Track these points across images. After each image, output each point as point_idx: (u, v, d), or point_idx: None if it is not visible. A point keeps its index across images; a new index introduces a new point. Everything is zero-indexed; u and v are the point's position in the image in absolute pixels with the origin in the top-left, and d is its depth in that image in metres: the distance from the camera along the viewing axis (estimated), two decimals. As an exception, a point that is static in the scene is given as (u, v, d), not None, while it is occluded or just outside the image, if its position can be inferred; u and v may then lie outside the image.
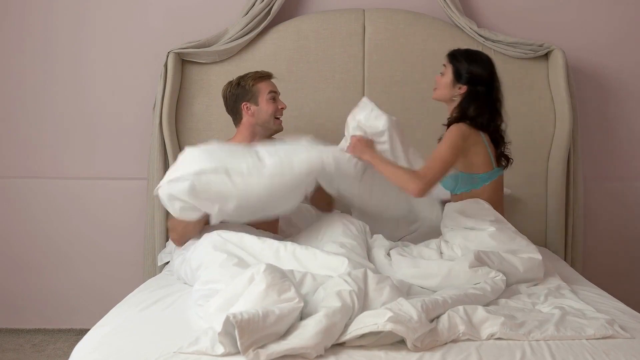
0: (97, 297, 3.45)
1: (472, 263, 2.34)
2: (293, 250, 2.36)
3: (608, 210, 3.54)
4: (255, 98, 2.81)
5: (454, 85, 2.70)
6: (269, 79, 2.86)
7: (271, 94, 2.82)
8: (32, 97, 3.48)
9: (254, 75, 2.84)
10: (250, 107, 2.81)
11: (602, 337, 1.94)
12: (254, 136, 2.83)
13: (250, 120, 2.82)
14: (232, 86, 2.85)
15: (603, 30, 3.47)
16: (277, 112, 2.85)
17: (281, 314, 1.80)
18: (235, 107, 2.84)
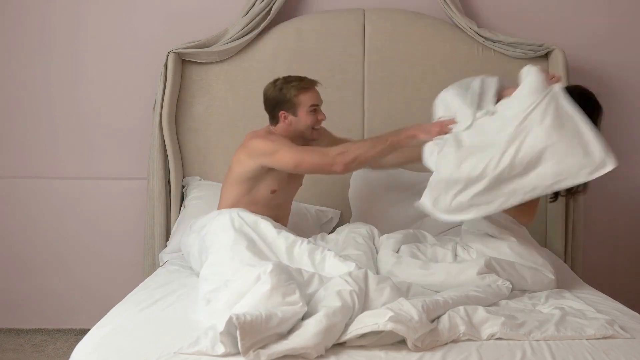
0: (97, 297, 3.45)
1: (481, 270, 2.34)
2: (307, 250, 2.38)
3: (608, 210, 3.54)
4: (295, 109, 2.69)
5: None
6: (313, 89, 2.74)
7: (313, 106, 2.71)
8: (32, 97, 3.48)
9: (298, 85, 2.69)
10: (288, 117, 2.70)
11: (602, 337, 1.95)
12: (293, 141, 2.72)
13: (286, 128, 2.72)
14: (275, 89, 2.72)
15: (603, 30, 3.47)
16: (316, 123, 2.73)
17: (284, 317, 1.81)
18: (274, 111, 2.73)
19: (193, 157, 3.36)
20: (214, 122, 3.35)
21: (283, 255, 2.35)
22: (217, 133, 3.35)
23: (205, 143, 3.35)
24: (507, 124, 2.34)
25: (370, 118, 3.35)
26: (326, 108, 3.33)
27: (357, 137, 3.35)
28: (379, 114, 3.36)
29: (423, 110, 3.32)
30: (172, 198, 3.28)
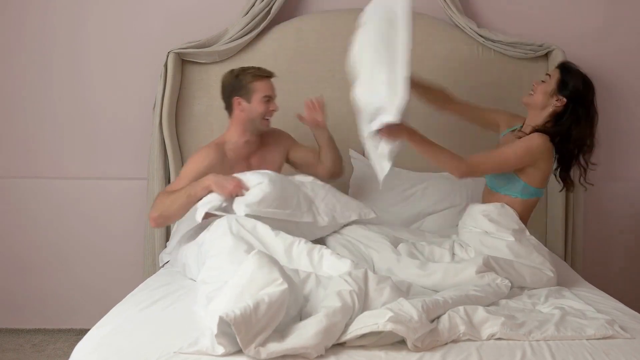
0: (97, 297, 3.45)
1: (480, 269, 2.34)
2: (306, 249, 2.38)
3: (608, 210, 3.54)
4: (249, 96, 2.80)
5: (553, 94, 2.63)
6: (268, 79, 2.85)
7: (266, 97, 2.82)
8: (32, 97, 3.48)
9: (254, 72, 2.83)
10: (242, 103, 2.81)
11: (602, 337, 1.95)
12: (245, 132, 2.85)
13: (240, 115, 2.82)
14: (232, 76, 2.85)
15: (603, 30, 3.47)
16: (268, 113, 2.84)
17: (271, 301, 1.80)
18: (229, 98, 2.85)
19: (193, 157, 3.36)
20: (214, 122, 3.35)
21: (282, 257, 2.34)
22: (217, 133, 3.33)
23: (205, 143, 3.34)
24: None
25: (370, 118, 3.35)
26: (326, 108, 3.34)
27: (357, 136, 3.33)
28: (379, 114, 3.35)
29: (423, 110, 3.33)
30: (172, 198, 3.28)
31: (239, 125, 2.85)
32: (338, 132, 3.36)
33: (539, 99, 2.67)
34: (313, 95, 3.33)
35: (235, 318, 1.72)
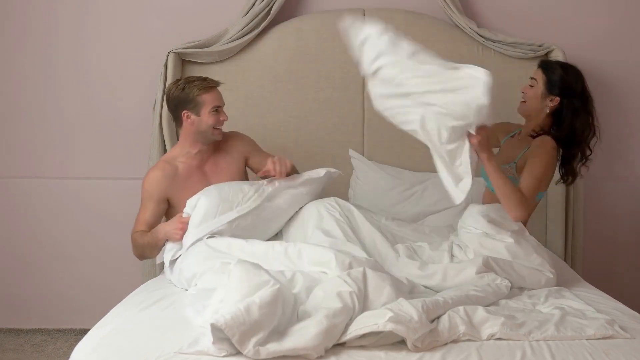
0: (97, 297, 3.45)
1: (480, 269, 2.34)
2: (281, 250, 2.37)
3: (608, 210, 3.54)
4: (198, 109, 2.73)
5: (545, 96, 2.62)
6: (215, 89, 2.78)
7: (215, 107, 2.75)
8: (33, 97, 3.48)
9: (200, 85, 2.74)
10: (190, 116, 2.74)
11: (602, 337, 1.95)
12: (196, 142, 2.80)
13: (189, 128, 2.76)
14: (177, 88, 2.77)
15: (603, 30, 3.47)
16: (218, 123, 2.78)
17: (262, 302, 1.80)
18: (176, 111, 2.78)
19: (193, 157, 3.36)
20: (214, 122, 3.35)
21: (261, 263, 2.31)
22: (217, 133, 3.35)
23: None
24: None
25: (370, 118, 3.35)
26: (326, 108, 3.35)
27: (357, 137, 3.35)
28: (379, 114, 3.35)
29: (423, 110, 3.33)
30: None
31: (189, 137, 2.79)
32: (338, 133, 3.36)
33: (533, 105, 2.67)
34: (312, 95, 3.35)
35: (226, 322, 1.72)
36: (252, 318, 1.75)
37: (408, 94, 2.29)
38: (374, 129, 3.34)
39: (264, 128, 3.30)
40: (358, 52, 2.40)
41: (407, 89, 2.29)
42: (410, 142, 3.32)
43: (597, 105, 3.48)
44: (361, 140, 3.37)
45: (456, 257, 2.52)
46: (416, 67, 2.28)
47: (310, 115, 3.34)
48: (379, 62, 2.32)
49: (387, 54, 2.32)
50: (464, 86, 2.21)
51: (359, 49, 2.39)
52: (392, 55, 2.31)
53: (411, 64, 2.29)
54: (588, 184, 3.45)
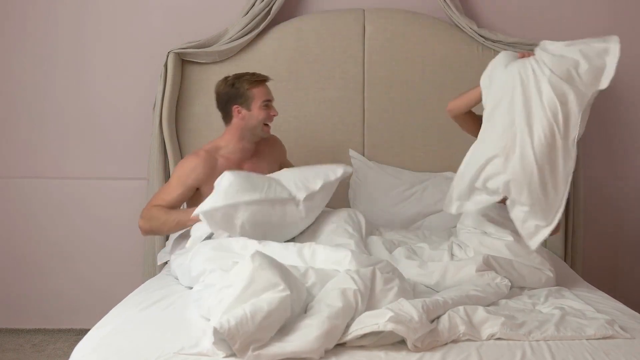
0: (97, 297, 3.45)
1: (480, 267, 2.34)
2: (296, 251, 2.34)
3: (608, 210, 3.54)
4: (248, 103, 2.76)
5: None
6: (264, 84, 2.81)
7: (265, 101, 2.78)
8: (33, 97, 3.48)
9: (250, 79, 2.77)
10: (242, 111, 2.76)
11: (602, 337, 1.95)
12: (242, 139, 2.81)
13: (239, 123, 2.78)
14: (226, 84, 2.80)
15: (603, 30, 3.45)
16: (268, 119, 2.80)
17: (270, 309, 1.78)
18: (227, 107, 2.80)
19: (193, 157, 3.36)
20: (214, 122, 3.34)
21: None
22: (217, 133, 3.33)
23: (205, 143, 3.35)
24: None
25: (370, 118, 3.36)
26: (327, 108, 3.35)
27: (357, 137, 3.36)
28: (379, 114, 3.36)
29: (423, 110, 3.34)
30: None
31: (236, 133, 2.80)
32: (338, 133, 3.36)
33: None
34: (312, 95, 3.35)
35: (230, 330, 1.70)
36: (256, 326, 1.73)
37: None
38: (374, 129, 3.34)
39: (264, 128, 3.30)
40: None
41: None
42: (410, 142, 3.35)
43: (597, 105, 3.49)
44: (361, 140, 3.37)
45: (456, 256, 2.52)
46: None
47: (310, 115, 3.34)
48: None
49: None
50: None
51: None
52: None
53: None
54: (588, 184, 3.45)
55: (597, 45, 2.37)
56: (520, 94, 2.35)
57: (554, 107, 2.29)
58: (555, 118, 2.29)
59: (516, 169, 2.32)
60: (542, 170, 2.29)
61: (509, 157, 2.34)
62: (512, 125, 2.35)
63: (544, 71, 2.35)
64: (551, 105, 2.29)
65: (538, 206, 2.31)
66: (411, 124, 3.28)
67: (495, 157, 2.37)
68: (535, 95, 2.32)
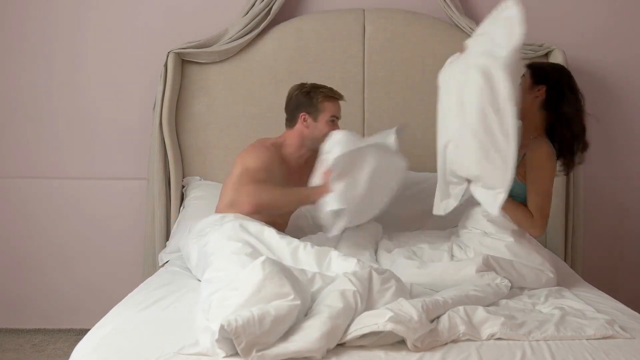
0: (97, 297, 3.45)
1: (480, 267, 2.34)
2: (312, 252, 2.37)
3: (608, 210, 3.54)
4: (317, 114, 2.76)
5: (532, 88, 2.58)
6: (337, 101, 2.82)
7: (333, 117, 2.78)
8: (32, 97, 3.48)
9: (326, 93, 2.78)
10: (308, 120, 2.77)
11: (602, 337, 1.95)
12: (302, 147, 2.81)
13: (302, 130, 2.78)
14: (301, 91, 2.80)
15: (603, 30, 3.47)
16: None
17: (277, 315, 1.79)
18: (295, 111, 2.79)
19: (193, 157, 3.36)
20: (214, 122, 3.35)
21: (288, 260, 2.34)
22: (217, 133, 3.35)
23: (205, 143, 3.36)
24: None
25: (370, 118, 3.36)
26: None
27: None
28: (379, 114, 3.36)
29: (423, 110, 3.34)
30: (172, 198, 3.29)
31: (298, 139, 2.80)
32: (338, 132, 3.36)
33: (524, 100, 2.67)
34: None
35: (237, 328, 1.71)
36: (262, 329, 1.74)
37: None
38: (374, 129, 3.34)
39: (264, 128, 3.29)
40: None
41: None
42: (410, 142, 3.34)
43: (597, 105, 3.50)
44: (361, 140, 3.36)
45: (456, 256, 2.52)
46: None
47: (310, 115, 3.34)
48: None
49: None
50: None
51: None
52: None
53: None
54: (588, 184, 3.45)
55: (499, 10, 2.44)
56: (455, 81, 2.43)
57: (479, 85, 2.32)
58: (482, 92, 2.31)
59: (460, 149, 2.41)
60: (482, 143, 2.32)
61: (455, 141, 2.43)
62: (450, 110, 2.45)
63: (468, 56, 2.43)
64: (477, 84, 2.32)
65: (488, 175, 2.36)
66: (411, 124, 3.27)
67: (448, 143, 2.46)
68: (464, 79, 2.38)
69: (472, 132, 2.33)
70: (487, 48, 2.37)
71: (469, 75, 2.35)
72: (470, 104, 2.34)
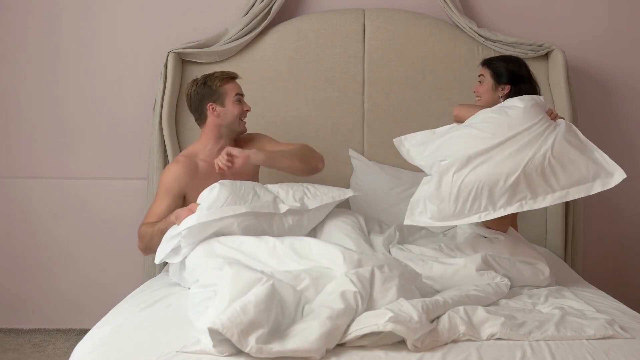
0: (97, 297, 3.45)
1: (479, 266, 2.34)
2: (290, 244, 2.33)
3: (608, 210, 3.54)
4: (222, 99, 2.78)
5: (495, 88, 2.71)
6: (235, 80, 2.84)
7: (237, 96, 2.81)
8: (33, 97, 3.48)
9: (220, 76, 2.81)
10: (216, 108, 2.78)
11: (602, 337, 1.95)
12: (220, 138, 2.82)
13: (215, 120, 2.80)
14: (197, 85, 2.83)
15: (603, 30, 3.47)
16: (242, 114, 2.83)
17: (258, 299, 1.80)
18: (200, 106, 2.81)
19: (193, 157, 3.36)
20: (214, 122, 3.35)
21: (269, 260, 2.29)
22: (217, 133, 3.35)
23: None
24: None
25: (370, 118, 3.36)
26: (326, 108, 3.35)
27: (357, 137, 3.35)
28: (379, 114, 3.36)
29: (423, 110, 3.34)
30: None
31: (213, 132, 2.82)
32: (338, 133, 3.36)
33: (487, 99, 2.74)
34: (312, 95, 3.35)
35: (223, 324, 1.72)
36: (248, 317, 1.75)
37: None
38: (374, 129, 3.34)
39: (264, 128, 3.29)
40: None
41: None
42: (410, 142, 3.34)
43: (596, 105, 3.50)
44: (361, 140, 3.37)
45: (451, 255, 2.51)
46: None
47: (310, 115, 3.34)
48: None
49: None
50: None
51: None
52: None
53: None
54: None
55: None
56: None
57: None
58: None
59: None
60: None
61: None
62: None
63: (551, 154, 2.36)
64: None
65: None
66: (411, 124, 3.27)
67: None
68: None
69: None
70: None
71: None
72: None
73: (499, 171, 2.29)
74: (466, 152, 2.36)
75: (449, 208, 2.33)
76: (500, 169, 2.30)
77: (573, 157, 2.34)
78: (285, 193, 2.61)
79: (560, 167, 2.31)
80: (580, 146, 2.39)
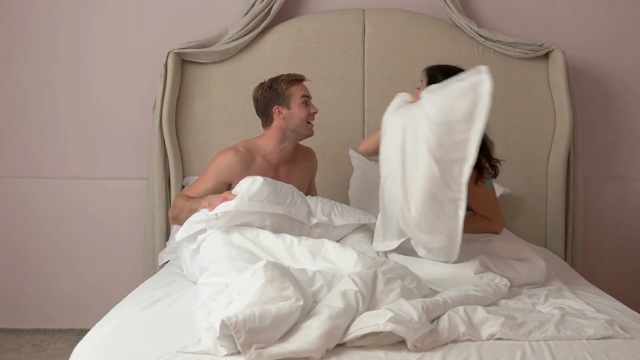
0: (97, 297, 3.45)
1: (477, 269, 2.34)
2: (306, 244, 2.35)
3: (608, 210, 3.54)
4: (288, 102, 2.75)
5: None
6: (301, 82, 2.81)
7: (303, 98, 2.77)
8: (33, 97, 3.48)
9: (286, 78, 2.77)
10: (282, 111, 2.75)
11: (602, 337, 1.94)
12: (284, 140, 2.80)
13: (281, 123, 2.76)
14: (263, 88, 2.79)
15: (603, 30, 3.47)
16: (310, 116, 2.79)
17: (278, 313, 1.78)
18: (267, 110, 2.78)
19: (193, 157, 3.36)
20: (214, 122, 3.35)
21: (285, 258, 2.33)
22: (217, 133, 3.35)
23: (205, 143, 3.36)
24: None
25: (370, 118, 3.36)
26: (327, 108, 3.35)
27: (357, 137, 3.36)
28: (379, 114, 3.32)
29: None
30: (172, 198, 3.28)
31: (278, 134, 2.78)
32: (338, 133, 3.36)
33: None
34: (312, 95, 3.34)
35: (237, 323, 1.71)
36: (262, 325, 1.74)
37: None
38: (374, 129, 3.34)
39: (264, 128, 3.30)
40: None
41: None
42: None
43: (596, 105, 3.50)
44: (361, 140, 3.36)
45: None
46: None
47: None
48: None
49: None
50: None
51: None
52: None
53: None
54: (588, 184, 3.46)
55: (469, 74, 2.27)
56: (401, 125, 2.36)
57: (429, 167, 2.23)
58: (432, 174, 2.22)
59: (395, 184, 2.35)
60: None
61: (392, 176, 2.38)
62: (390, 149, 2.39)
63: (422, 121, 2.27)
64: (426, 165, 2.23)
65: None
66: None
67: (387, 178, 2.42)
68: (413, 148, 2.29)
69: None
70: (448, 125, 2.21)
71: (420, 146, 2.25)
72: (415, 182, 2.26)
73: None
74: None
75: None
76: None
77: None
78: (314, 205, 2.64)
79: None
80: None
